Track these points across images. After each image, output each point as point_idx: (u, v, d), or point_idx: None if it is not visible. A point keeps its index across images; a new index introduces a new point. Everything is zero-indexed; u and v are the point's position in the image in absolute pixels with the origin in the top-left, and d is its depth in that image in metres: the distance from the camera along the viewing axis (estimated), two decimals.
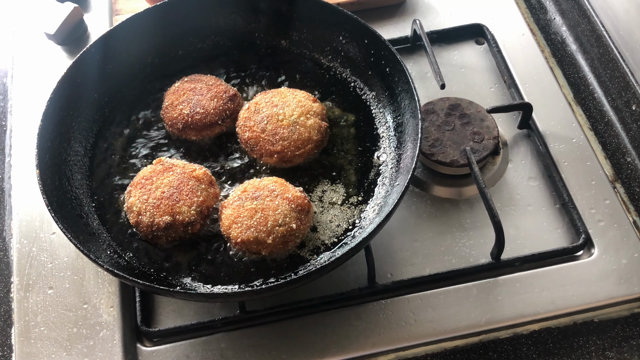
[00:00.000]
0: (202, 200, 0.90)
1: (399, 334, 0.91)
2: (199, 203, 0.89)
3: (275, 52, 1.14)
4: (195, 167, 0.94)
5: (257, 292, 0.82)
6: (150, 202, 0.89)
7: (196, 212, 0.89)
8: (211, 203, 0.92)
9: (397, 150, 1.00)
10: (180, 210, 0.88)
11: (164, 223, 0.87)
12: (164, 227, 0.88)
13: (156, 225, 0.88)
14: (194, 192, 0.90)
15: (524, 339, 0.92)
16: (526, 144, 1.10)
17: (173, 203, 0.89)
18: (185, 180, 0.91)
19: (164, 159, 0.96)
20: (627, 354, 0.89)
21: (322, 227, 0.94)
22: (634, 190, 1.03)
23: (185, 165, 0.94)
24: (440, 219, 1.02)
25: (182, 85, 1.05)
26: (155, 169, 0.93)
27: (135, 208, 0.90)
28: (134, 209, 0.90)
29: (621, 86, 1.09)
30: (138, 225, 0.90)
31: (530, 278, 0.95)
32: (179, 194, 0.89)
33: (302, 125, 0.99)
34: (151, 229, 0.89)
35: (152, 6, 1.08)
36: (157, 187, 0.90)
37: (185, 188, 0.90)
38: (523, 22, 1.26)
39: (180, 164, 0.95)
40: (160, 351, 0.92)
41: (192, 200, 0.89)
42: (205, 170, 0.95)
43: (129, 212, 0.91)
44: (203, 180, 0.92)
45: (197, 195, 0.90)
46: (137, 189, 0.91)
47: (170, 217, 0.88)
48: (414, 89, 0.95)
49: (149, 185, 0.91)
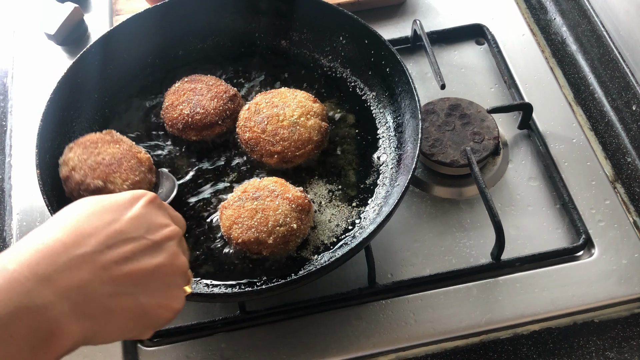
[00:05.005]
0: (138, 180, 0.91)
1: (399, 334, 0.92)
2: (134, 182, 0.90)
3: (275, 52, 1.14)
4: (142, 150, 0.96)
5: (258, 292, 0.83)
6: (88, 163, 0.90)
7: (128, 187, 0.89)
8: (144, 187, 0.92)
9: (397, 151, 1.00)
10: (114, 180, 0.89)
11: (94, 186, 0.88)
12: (92, 189, 0.88)
13: (85, 185, 0.88)
14: (133, 171, 0.91)
15: (524, 339, 0.92)
16: (526, 144, 1.10)
17: (109, 172, 0.89)
18: (128, 157, 0.92)
19: (114, 132, 0.96)
20: (627, 354, 0.89)
21: (322, 227, 0.94)
22: (634, 191, 1.03)
23: (133, 146, 0.96)
24: (440, 219, 1.02)
25: (182, 85, 1.05)
26: (104, 137, 0.94)
27: (72, 163, 0.90)
28: (69, 163, 0.91)
29: (621, 86, 1.09)
30: (67, 180, 0.90)
31: (530, 278, 0.95)
32: (118, 166, 0.90)
33: (302, 125, 0.99)
34: (79, 187, 0.89)
35: (152, 6, 1.08)
36: (99, 153, 0.91)
37: (126, 164, 0.91)
38: (523, 23, 1.26)
39: (128, 142, 0.96)
40: (160, 351, 0.92)
41: (127, 177, 0.90)
42: (149, 157, 0.96)
43: (63, 165, 0.91)
44: (144, 163, 0.94)
45: (134, 174, 0.91)
46: (79, 148, 0.92)
47: (102, 183, 0.88)
48: (414, 89, 0.95)
49: (93, 148, 0.92)
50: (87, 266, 0.56)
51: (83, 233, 0.58)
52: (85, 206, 0.62)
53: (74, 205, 0.62)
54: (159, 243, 0.62)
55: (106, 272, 0.57)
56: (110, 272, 0.57)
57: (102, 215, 0.61)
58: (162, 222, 0.65)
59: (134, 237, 0.61)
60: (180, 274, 0.64)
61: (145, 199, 0.65)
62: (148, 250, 0.61)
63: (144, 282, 0.60)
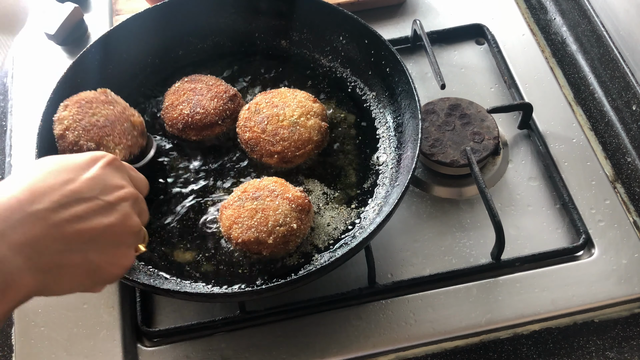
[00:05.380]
0: (130, 145, 0.92)
1: (399, 334, 0.91)
2: (126, 146, 0.91)
3: (275, 52, 1.14)
4: (135, 113, 0.96)
5: (258, 292, 0.83)
6: (82, 124, 0.91)
7: (120, 152, 0.90)
8: (135, 151, 0.93)
9: (397, 151, 1.00)
10: (107, 144, 0.90)
11: (86, 148, 0.89)
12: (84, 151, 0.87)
13: (79, 147, 0.89)
14: (125, 135, 0.92)
15: (524, 339, 0.92)
16: (526, 144, 1.10)
17: (103, 135, 0.90)
18: (122, 120, 0.93)
19: (109, 91, 0.96)
20: (627, 354, 0.89)
21: (322, 227, 0.94)
22: (634, 191, 1.03)
23: (127, 108, 0.96)
24: (440, 219, 1.02)
25: (182, 85, 1.05)
26: (98, 97, 0.94)
27: (67, 122, 0.91)
28: (64, 122, 0.91)
29: (621, 86, 1.09)
30: (61, 138, 0.91)
31: (530, 278, 0.95)
32: (111, 129, 0.91)
33: (302, 125, 0.99)
34: (72, 147, 0.90)
35: (152, 6, 1.08)
36: (94, 114, 0.92)
37: (120, 127, 0.92)
38: (523, 22, 1.26)
39: (123, 103, 0.96)
40: (160, 351, 0.92)
41: (120, 140, 0.91)
42: (142, 121, 0.96)
43: (57, 123, 0.92)
44: (137, 127, 0.94)
45: (127, 139, 0.92)
46: (74, 106, 0.92)
47: (95, 146, 0.89)
48: (414, 89, 0.95)
49: (87, 108, 0.92)
50: (39, 223, 0.59)
51: (38, 191, 0.61)
52: (43, 165, 0.65)
53: (33, 164, 0.66)
54: (112, 204, 0.66)
55: (58, 230, 0.61)
56: (61, 230, 0.61)
57: (58, 174, 0.64)
58: (117, 183, 0.68)
59: (88, 198, 0.64)
60: (132, 234, 0.68)
61: (103, 160, 0.69)
62: (101, 210, 0.64)
63: (94, 240, 0.63)
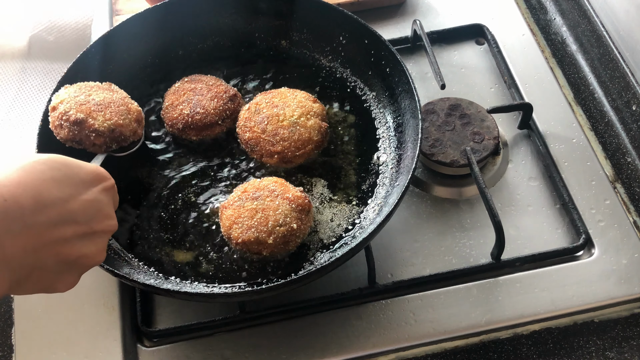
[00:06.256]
0: (121, 123, 0.94)
1: (399, 334, 0.92)
2: (117, 124, 0.94)
3: (275, 52, 1.14)
4: (135, 103, 0.99)
5: (258, 292, 0.82)
6: (77, 99, 0.94)
7: (108, 126, 0.93)
8: (127, 133, 0.95)
9: (397, 151, 1.00)
10: (97, 117, 0.92)
11: (74, 117, 0.92)
12: (73, 120, 0.92)
13: (67, 116, 0.92)
14: (119, 115, 0.94)
15: (524, 339, 0.92)
16: (526, 144, 1.10)
17: (95, 110, 0.93)
18: (118, 104, 0.96)
19: (114, 85, 1.00)
20: (627, 354, 0.89)
21: (322, 227, 0.94)
22: (634, 191, 1.03)
23: (127, 97, 0.99)
24: (440, 219, 1.02)
25: (182, 85, 1.05)
26: (101, 86, 0.98)
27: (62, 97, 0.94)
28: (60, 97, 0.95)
29: (621, 86, 1.09)
30: (53, 110, 0.94)
31: (530, 278, 0.95)
32: (105, 107, 0.94)
33: (302, 125, 0.99)
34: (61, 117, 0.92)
35: (152, 6, 1.08)
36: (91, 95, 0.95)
37: (114, 108, 0.95)
38: (523, 23, 1.26)
39: (124, 94, 0.99)
40: (160, 351, 0.92)
41: (111, 117, 0.93)
42: (140, 110, 0.99)
43: (54, 98, 0.95)
44: (133, 113, 0.97)
45: (119, 117, 0.94)
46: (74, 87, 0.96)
47: (84, 116, 0.92)
48: (414, 89, 0.95)
49: (87, 90, 0.96)
50: (33, 238, 0.63)
51: (42, 203, 0.63)
52: (52, 170, 0.66)
53: (41, 160, 0.66)
54: (96, 233, 0.70)
55: (45, 248, 0.64)
56: (48, 249, 0.64)
57: (63, 188, 0.66)
58: (108, 213, 0.72)
59: (79, 222, 0.67)
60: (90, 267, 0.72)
61: (104, 184, 0.72)
62: (84, 237, 0.68)
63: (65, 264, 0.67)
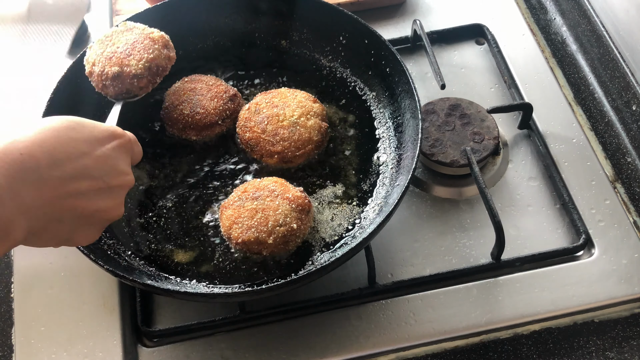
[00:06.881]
0: (152, 57, 0.94)
1: (399, 334, 0.92)
2: (148, 59, 0.93)
3: (275, 52, 1.14)
4: (154, 31, 0.98)
5: (258, 292, 0.82)
6: (104, 55, 0.94)
7: (144, 66, 0.93)
8: (162, 63, 0.95)
9: (397, 151, 1.00)
10: (129, 63, 0.93)
11: (111, 73, 0.92)
12: (111, 76, 0.92)
13: (105, 75, 0.93)
14: (146, 50, 0.94)
15: (525, 339, 0.92)
16: (526, 144, 1.10)
17: (124, 57, 0.93)
18: (141, 39, 0.95)
19: (129, 22, 1.00)
20: (627, 354, 0.89)
21: (322, 227, 0.94)
22: (634, 191, 1.03)
23: (145, 28, 0.98)
24: (440, 219, 1.02)
25: (182, 85, 1.05)
26: (117, 29, 0.98)
27: (91, 59, 0.95)
28: (89, 60, 0.96)
29: (621, 86, 1.09)
30: (91, 76, 0.95)
31: (530, 278, 0.95)
32: (131, 49, 0.94)
33: (302, 125, 0.99)
34: (101, 79, 0.94)
35: (152, 6, 1.08)
36: (114, 44, 0.95)
37: (139, 45, 0.95)
38: (523, 22, 1.26)
39: (141, 26, 0.99)
40: (160, 351, 0.92)
41: (142, 56, 0.93)
42: (163, 35, 0.98)
43: (86, 64, 0.96)
44: (158, 41, 0.96)
45: (148, 53, 0.94)
46: (97, 44, 0.97)
47: (118, 68, 0.92)
48: (414, 90, 0.95)
49: (108, 41, 0.96)
50: (49, 190, 0.65)
51: (57, 157, 0.66)
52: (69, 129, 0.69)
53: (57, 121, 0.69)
54: (112, 188, 0.72)
55: (61, 201, 0.66)
56: (63, 201, 0.67)
57: (78, 144, 0.69)
58: (123, 169, 0.74)
59: (94, 177, 0.69)
60: (113, 220, 0.74)
61: (119, 141, 0.74)
62: (100, 192, 0.70)
63: (83, 217, 0.70)
